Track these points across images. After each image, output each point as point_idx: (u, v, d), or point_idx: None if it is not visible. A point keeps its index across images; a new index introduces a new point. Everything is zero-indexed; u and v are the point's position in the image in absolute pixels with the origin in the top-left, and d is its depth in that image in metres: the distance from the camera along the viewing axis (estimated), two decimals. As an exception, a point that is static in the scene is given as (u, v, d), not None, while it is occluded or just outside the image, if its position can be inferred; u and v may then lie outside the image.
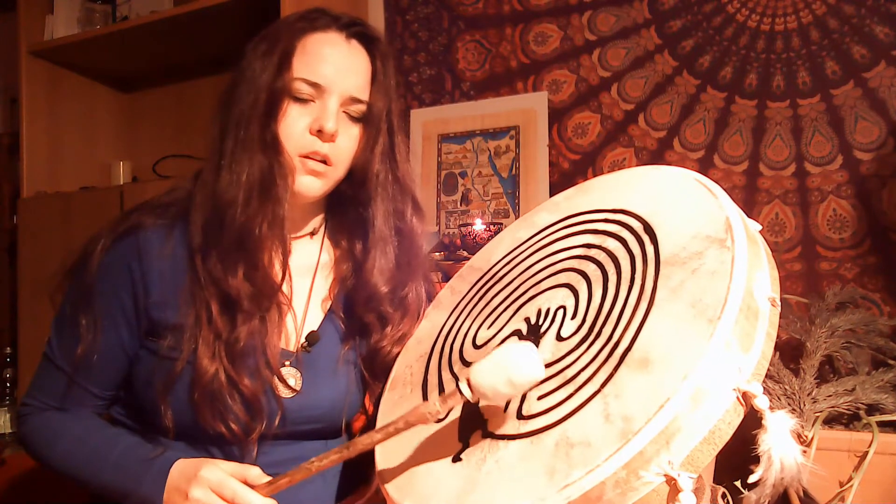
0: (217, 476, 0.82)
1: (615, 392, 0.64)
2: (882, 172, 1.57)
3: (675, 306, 0.66)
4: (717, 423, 0.60)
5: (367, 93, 0.96)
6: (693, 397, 0.59)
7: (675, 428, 0.59)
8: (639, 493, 0.59)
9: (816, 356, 1.25)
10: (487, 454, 0.70)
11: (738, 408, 0.61)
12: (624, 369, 0.65)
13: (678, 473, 0.58)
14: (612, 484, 0.59)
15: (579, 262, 0.82)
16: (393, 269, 1.00)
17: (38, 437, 0.96)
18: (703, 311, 0.63)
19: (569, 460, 0.62)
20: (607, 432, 0.61)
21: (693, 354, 0.61)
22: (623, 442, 0.59)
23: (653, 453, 0.59)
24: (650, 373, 0.63)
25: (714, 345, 0.61)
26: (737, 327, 0.62)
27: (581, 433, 0.63)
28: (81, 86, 2.45)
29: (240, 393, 0.89)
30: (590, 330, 0.72)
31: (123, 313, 0.93)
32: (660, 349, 0.64)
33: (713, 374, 0.60)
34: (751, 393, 0.61)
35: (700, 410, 0.59)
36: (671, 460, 0.58)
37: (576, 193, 0.94)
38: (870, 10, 1.59)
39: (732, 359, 0.62)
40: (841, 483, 1.10)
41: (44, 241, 2.18)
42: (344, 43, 0.96)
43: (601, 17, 1.86)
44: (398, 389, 0.92)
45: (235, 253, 0.90)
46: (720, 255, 0.67)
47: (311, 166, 0.93)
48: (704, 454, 0.60)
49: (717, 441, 0.60)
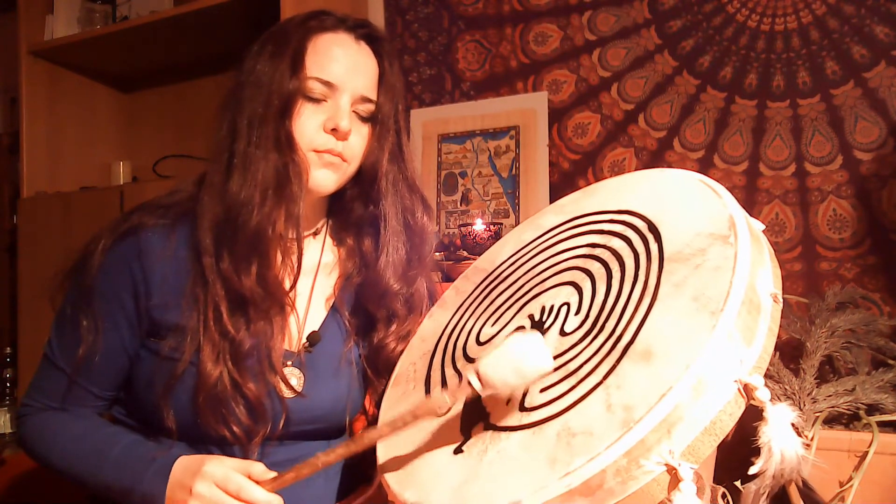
0: (221, 471, 0.81)
1: (617, 383, 0.64)
2: (882, 172, 1.57)
3: (677, 301, 0.67)
4: (719, 413, 0.60)
5: (375, 93, 0.98)
6: (695, 387, 0.60)
7: (676, 417, 0.59)
8: (639, 481, 0.59)
9: (816, 356, 1.25)
10: (489, 445, 0.70)
11: (739, 399, 0.61)
12: (626, 361, 0.65)
13: (679, 463, 0.58)
14: (612, 472, 0.59)
15: (584, 260, 0.82)
16: (405, 266, 1.01)
17: (37, 437, 0.96)
18: (706, 305, 0.64)
19: (570, 449, 0.62)
20: (609, 421, 0.61)
21: (695, 345, 0.61)
22: (624, 430, 0.59)
23: (654, 442, 0.59)
24: (652, 364, 0.63)
25: (716, 336, 0.61)
26: (739, 320, 0.63)
27: (583, 423, 0.63)
28: (81, 86, 2.45)
29: (243, 396, 0.89)
30: (593, 325, 0.73)
31: (124, 314, 0.92)
32: (662, 342, 0.64)
33: (715, 365, 0.61)
34: (752, 385, 0.61)
35: (701, 401, 0.60)
36: (672, 449, 0.59)
37: (581, 196, 0.95)
38: (870, 10, 1.59)
39: (734, 351, 0.62)
40: (841, 483, 1.10)
41: (44, 241, 2.18)
42: (353, 44, 0.97)
43: (601, 17, 1.86)
44: (401, 386, 0.92)
45: (249, 253, 0.90)
46: (723, 251, 0.68)
47: (327, 159, 0.94)
48: (705, 445, 0.60)
49: (717, 432, 0.60)
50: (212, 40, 2.13)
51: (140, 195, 1.57)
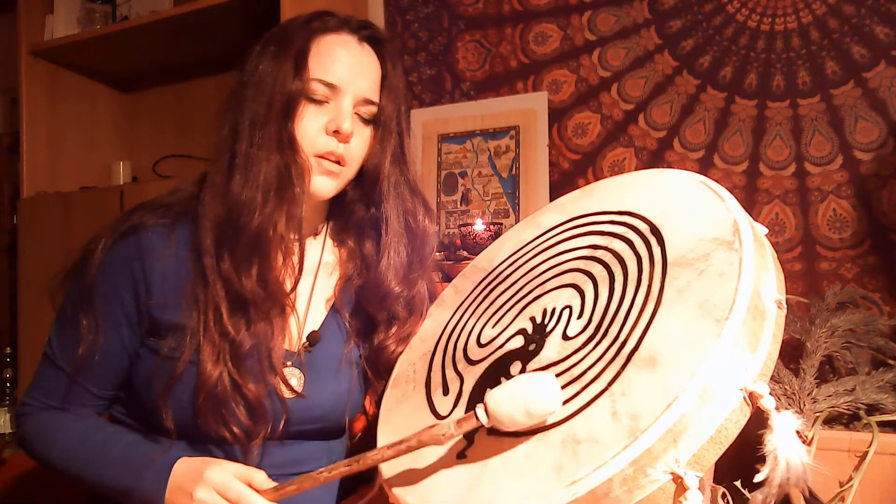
0: (223, 478, 0.81)
1: (622, 390, 0.64)
2: (882, 172, 1.58)
3: (682, 307, 0.67)
4: (724, 422, 0.60)
5: (377, 95, 0.98)
6: (701, 396, 0.60)
7: (682, 426, 0.59)
8: (646, 490, 0.59)
9: (816, 356, 1.25)
10: (493, 451, 0.70)
11: (744, 407, 0.61)
12: (631, 368, 0.65)
13: (685, 472, 0.58)
14: (619, 481, 0.59)
15: (585, 262, 0.82)
16: (406, 269, 1.01)
17: (37, 437, 0.96)
18: (711, 312, 0.64)
19: (576, 457, 0.62)
20: (615, 430, 0.61)
21: (701, 353, 0.61)
22: (631, 439, 0.59)
23: (660, 451, 0.59)
24: (657, 371, 0.63)
25: (722, 344, 0.61)
26: (744, 328, 0.63)
27: (588, 430, 0.63)
28: (81, 86, 2.45)
29: (243, 397, 0.89)
30: (596, 329, 0.72)
31: (125, 313, 0.92)
32: (667, 348, 0.64)
33: (720, 374, 0.61)
34: (757, 393, 0.61)
35: (707, 409, 0.60)
36: (678, 458, 0.59)
37: (581, 196, 0.94)
38: (870, 10, 1.59)
39: (740, 359, 0.62)
40: (841, 483, 1.10)
41: (44, 241, 2.18)
42: (357, 45, 0.97)
43: (601, 17, 1.86)
44: (401, 387, 0.92)
45: (250, 254, 0.90)
46: (728, 257, 0.67)
47: (326, 167, 0.94)
48: (711, 453, 0.60)
49: (723, 440, 0.60)
50: (212, 40, 2.13)
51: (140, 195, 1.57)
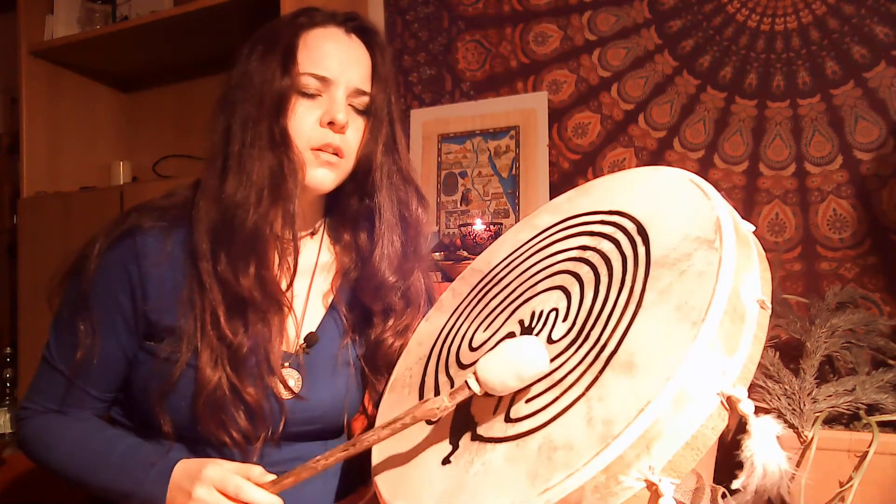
0: (220, 474, 0.81)
1: (599, 395, 0.63)
2: (882, 172, 1.57)
3: (661, 309, 0.65)
4: (701, 427, 0.59)
5: (369, 85, 0.98)
6: (675, 401, 0.58)
7: (655, 432, 0.57)
8: (619, 497, 0.58)
9: (816, 356, 1.25)
10: (475, 457, 0.69)
11: (722, 412, 0.60)
12: (609, 372, 0.64)
13: (659, 479, 0.57)
14: (591, 488, 0.58)
15: (574, 263, 0.81)
16: (400, 258, 1.00)
17: (37, 440, 0.96)
18: (688, 314, 0.62)
19: (550, 464, 0.61)
20: (589, 436, 0.60)
21: (676, 357, 0.60)
22: (603, 446, 0.58)
23: (633, 458, 0.57)
24: (634, 376, 0.61)
25: (697, 347, 0.59)
26: (721, 330, 0.61)
27: (564, 437, 0.62)
28: (81, 86, 2.45)
29: (243, 401, 0.89)
30: (579, 333, 0.71)
31: (122, 316, 0.92)
32: (644, 352, 0.63)
33: (696, 378, 0.59)
34: (735, 397, 0.59)
35: (682, 414, 0.58)
36: (652, 465, 0.57)
37: (577, 195, 0.93)
38: (870, 10, 1.58)
39: (716, 362, 0.60)
40: (841, 483, 1.10)
41: (44, 241, 2.18)
42: (345, 37, 0.97)
43: (601, 17, 1.86)
44: (397, 391, 0.92)
45: (247, 254, 0.90)
46: (708, 257, 0.66)
47: (324, 158, 0.94)
48: (687, 459, 0.58)
49: (700, 446, 0.59)
50: (212, 40, 2.12)
51: (140, 195, 1.57)
